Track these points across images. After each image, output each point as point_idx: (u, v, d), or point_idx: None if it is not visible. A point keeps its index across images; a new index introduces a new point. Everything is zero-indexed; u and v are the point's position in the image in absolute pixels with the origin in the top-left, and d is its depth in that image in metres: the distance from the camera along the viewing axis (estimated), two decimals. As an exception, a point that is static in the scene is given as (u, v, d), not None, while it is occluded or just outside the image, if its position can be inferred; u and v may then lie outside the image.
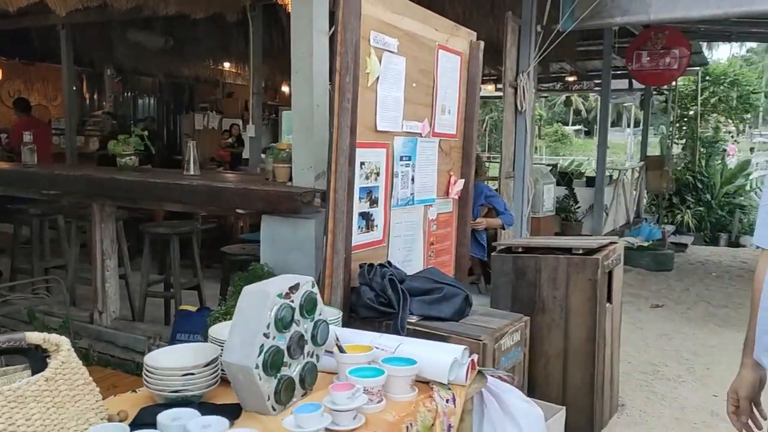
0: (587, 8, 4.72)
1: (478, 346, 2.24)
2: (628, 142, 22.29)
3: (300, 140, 3.06)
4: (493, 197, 4.87)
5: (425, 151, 2.96)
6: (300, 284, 1.67)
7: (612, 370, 3.38)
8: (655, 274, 6.97)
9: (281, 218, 3.04)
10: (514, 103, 5.24)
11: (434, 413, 1.66)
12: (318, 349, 1.75)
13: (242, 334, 1.55)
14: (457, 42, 3.08)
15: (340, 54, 2.33)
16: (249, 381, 1.53)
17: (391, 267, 2.53)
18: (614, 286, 3.31)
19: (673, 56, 6.78)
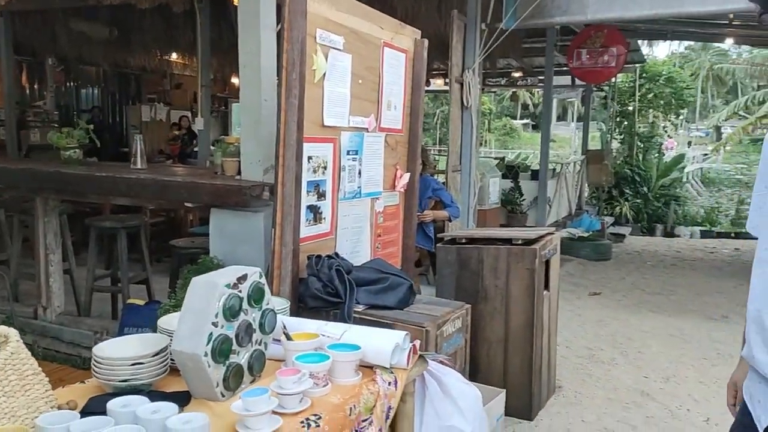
0: (528, 8, 4.89)
1: (421, 332, 2.35)
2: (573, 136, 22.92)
3: (248, 134, 3.11)
4: (440, 190, 5.00)
5: (372, 145, 3.05)
6: (248, 275, 1.73)
7: (549, 354, 3.55)
8: (595, 264, 7.28)
9: (230, 211, 3.08)
10: (460, 98, 5.38)
11: (376, 395, 1.75)
12: (266, 337, 1.81)
13: (191, 323, 1.61)
14: (402, 40, 3.17)
15: (286, 51, 2.39)
16: (198, 368, 1.59)
17: (338, 258, 2.61)
18: (551, 275, 3.48)
19: (611, 54, 7.07)
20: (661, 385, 3.85)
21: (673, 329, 4.98)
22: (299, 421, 1.53)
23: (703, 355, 4.37)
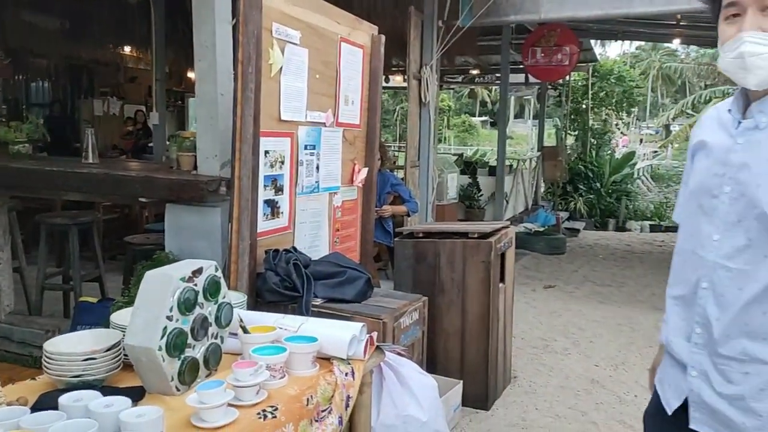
0: (484, 6, 4.97)
1: (379, 324, 2.38)
2: (529, 133, 23.34)
3: (204, 129, 3.08)
4: (398, 185, 5.04)
5: (330, 140, 3.06)
6: (203, 268, 1.73)
7: (505, 345, 3.63)
8: (549, 258, 7.45)
9: (186, 207, 3.05)
10: (418, 94, 5.43)
11: (334, 385, 1.77)
12: (222, 330, 1.81)
13: (145, 316, 1.60)
14: (359, 35, 3.19)
15: (242, 44, 2.39)
16: (152, 362, 1.58)
17: (296, 252, 2.62)
18: (507, 268, 3.56)
19: (565, 53, 7.24)
20: (611, 372, 3.98)
21: (622, 319, 5.14)
22: (256, 412, 1.54)
23: (650, 343, 4.53)
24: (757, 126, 1.32)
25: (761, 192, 1.27)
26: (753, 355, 1.30)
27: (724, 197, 1.34)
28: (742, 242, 1.30)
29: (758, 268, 1.28)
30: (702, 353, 1.39)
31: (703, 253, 1.38)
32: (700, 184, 1.42)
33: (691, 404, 1.42)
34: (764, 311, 1.28)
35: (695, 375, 1.40)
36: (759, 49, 1.25)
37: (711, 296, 1.36)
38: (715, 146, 1.40)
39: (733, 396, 1.33)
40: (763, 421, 1.31)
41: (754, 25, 1.26)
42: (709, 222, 1.37)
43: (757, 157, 1.30)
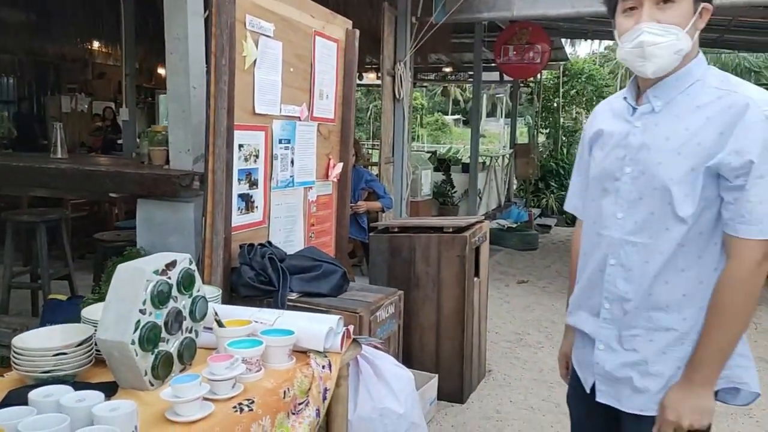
0: (457, 2, 4.99)
1: (355, 318, 2.37)
2: (502, 131, 23.52)
3: (176, 123, 3.03)
4: (373, 181, 5.05)
5: (304, 134, 3.04)
6: (177, 261, 1.70)
7: (480, 339, 3.66)
8: (522, 253, 7.52)
9: (158, 202, 3.00)
10: (392, 91, 5.43)
11: (311, 378, 1.76)
12: (197, 324, 1.79)
13: (117, 310, 1.56)
14: (334, 29, 3.18)
15: (215, 36, 2.36)
16: (125, 357, 1.55)
17: (271, 247, 2.60)
18: (481, 262, 3.58)
19: (536, 51, 7.31)
20: (584, 365, 4.03)
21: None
22: (231, 406, 1.52)
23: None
24: (653, 109, 1.43)
25: (662, 169, 1.38)
26: (657, 324, 1.42)
27: (626, 178, 1.45)
28: (644, 217, 1.41)
29: (660, 240, 1.39)
30: (610, 327, 1.49)
31: (608, 233, 1.48)
32: (601, 171, 1.52)
33: (597, 377, 1.53)
34: (666, 281, 1.40)
35: (602, 348, 1.50)
36: (656, 39, 1.35)
37: (619, 272, 1.46)
38: (614, 134, 1.50)
39: (636, 362, 1.44)
40: (664, 382, 1.42)
41: (651, 17, 1.36)
42: (613, 203, 1.47)
43: (655, 137, 1.41)
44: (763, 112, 1.30)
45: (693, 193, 1.36)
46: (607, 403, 1.52)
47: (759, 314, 5.40)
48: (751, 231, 1.31)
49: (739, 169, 1.30)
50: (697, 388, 1.36)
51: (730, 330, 1.34)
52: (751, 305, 1.34)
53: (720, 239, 1.38)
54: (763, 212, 1.30)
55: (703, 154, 1.34)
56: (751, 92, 1.34)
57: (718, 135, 1.33)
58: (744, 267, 1.32)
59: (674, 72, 1.40)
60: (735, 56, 15.24)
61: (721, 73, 1.43)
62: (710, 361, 1.36)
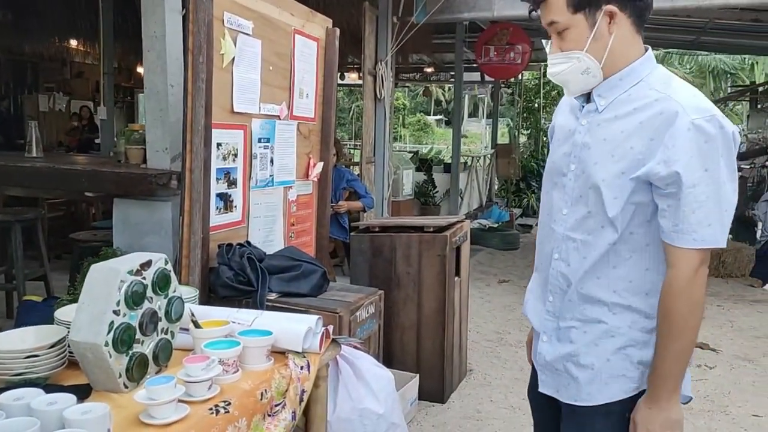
0: (438, 2, 5.00)
1: (335, 318, 2.36)
2: (483, 132, 23.61)
3: (154, 121, 2.99)
4: (354, 181, 5.04)
5: (284, 133, 3.02)
6: (152, 261, 1.67)
7: (461, 338, 3.66)
8: (503, 253, 7.56)
9: (135, 201, 2.95)
10: (373, 90, 5.42)
11: (288, 379, 1.74)
12: (172, 325, 1.76)
13: (90, 311, 1.54)
14: (314, 28, 3.16)
15: (192, 33, 2.33)
16: (98, 359, 1.52)
17: (250, 246, 2.57)
18: (462, 261, 3.58)
19: (517, 51, 7.35)
20: (564, 364, 4.06)
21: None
22: (207, 408, 1.50)
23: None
24: (596, 109, 1.46)
25: (597, 168, 1.41)
26: (590, 316, 1.46)
27: (570, 174, 1.49)
28: (584, 214, 1.45)
29: (597, 237, 1.43)
30: (553, 320, 1.54)
31: (555, 227, 1.53)
32: (553, 164, 1.57)
33: (539, 367, 1.59)
34: (598, 276, 1.44)
35: (545, 340, 1.56)
36: (557, 69, 1.44)
37: (561, 266, 1.50)
38: (566, 128, 1.54)
39: (570, 353, 1.49)
40: (594, 373, 1.46)
41: (556, 48, 1.44)
42: (561, 198, 1.51)
43: (595, 137, 1.44)
44: (691, 121, 1.30)
45: (621, 195, 1.38)
46: (547, 393, 1.56)
47: (734, 312, 5.49)
48: (686, 240, 1.32)
49: (667, 179, 1.32)
50: (663, 403, 1.38)
51: (680, 339, 1.36)
52: (697, 312, 1.36)
53: (654, 242, 1.40)
54: (696, 221, 1.31)
55: (633, 159, 1.36)
56: (683, 99, 1.34)
57: (649, 141, 1.35)
58: (682, 276, 1.34)
59: (619, 71, 1.42)
60: (712, 58, 15.47)
61: (665, 74, 1.43)
62: (669, 373, 1.37)
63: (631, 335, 1.44)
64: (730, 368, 4.12)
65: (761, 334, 4.89)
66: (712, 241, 1.32)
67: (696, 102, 1.34)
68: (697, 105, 1.33)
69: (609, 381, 1.46)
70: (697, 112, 1.32)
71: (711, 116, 1.32)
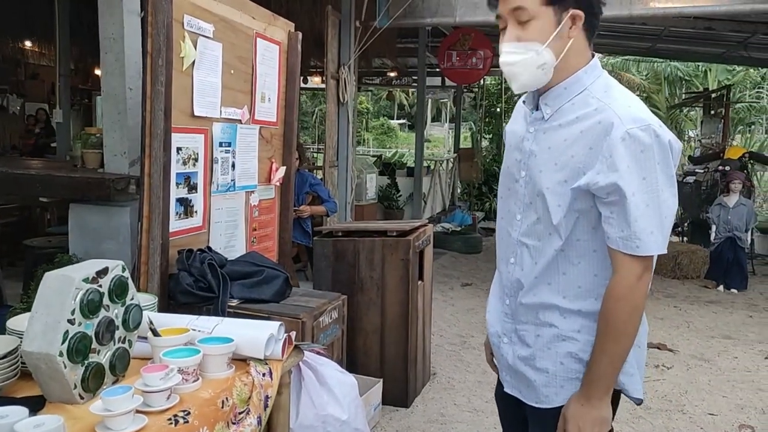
0: (401, 7, 5.02)
1: (298, 324, 2.34)
2: (446, 136, 23.80)
3: (112, 125, 2.93)
4: (317, 185, 5.01)
5: (246, 137, 2.99)
6: (109, 268, 1.63)
7: (424, 342, 3.67)
8: (466, 256, 7.62)
9: (92, 206, 2.89)
10: (336, 94, 5.41)
11: (251, 386, 1.72)
12: (130, 334, 1.72)
13: (44, 321, 1.49)
14: (276, 32, 3.14)
15: (151, 35, 2.29)
16: (52, 370, 1.48)
17: (210, 252, 2.54)
18: (425, 265, 3.60)
19: (479, 57, 7.43)
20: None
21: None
22: (166, 418, 1.47)
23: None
24: (543, 117, 1.47)
25: (543, 177, 1.44)
26: (543, 320, 1.49)
27: (521, 181, 1.51)
28: (534, 220, 1.48)
29: (545, 243, 1.46)
30: (510, 322, 1.57)
31: (511, 231, 1.55)
32: (506, 170, 1.59)
33: (502, 368, 1.62)
34: (549, 282, 1.47)
35: (506, 342, 1.58)
36: (511, 58, 1.41)
37: (516, 270, 1.53)
38: (517, 135, 1.56)
39: (527, 356, 1.52)
40: (549, 376, 1.50)
41: (511, 37, 1.41)
42: (514, 203, 1.54)
43: (541, 145, 1.46)
44: (626, 131, 1.32)
45: (563, 203, 1.41)
46: (511, 393, 1.59)
47: (691, 313, 5.64)
48: (630, 247, 1.34)
49: (606, 188, 1.34)
50: (595, 401, 1.41)
51: (618, 342, 1.39)
52: (636, 317, 1.38)
53: (600, 248, 1.42)
54: (639, 229, 1.33)
55: (574, 168, 1.38)
56: (619, 109, 1.35)
57: (588, 150, 1.37)
58: (625, 282, 1.36)
59: (564, 80, 1.43)
60: (667, 65, 15.91)
61: (607, 83, 1.45)
62: (604, 374, 1.40)
63: (582, 340, 1.46)
64: (686, 368, 4.24)
65: (716, 334, 5.05)
66: (654, 248, 1.35)
67: (632, 112, 1.35)
68: (633, 115, 1.35)
69: (564, 384, 1.48)
70: (633, 122, 1.33)
71: (646, 125, 1.33)
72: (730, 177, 7.04)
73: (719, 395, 3.79)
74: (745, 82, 16.91)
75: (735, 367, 4.29)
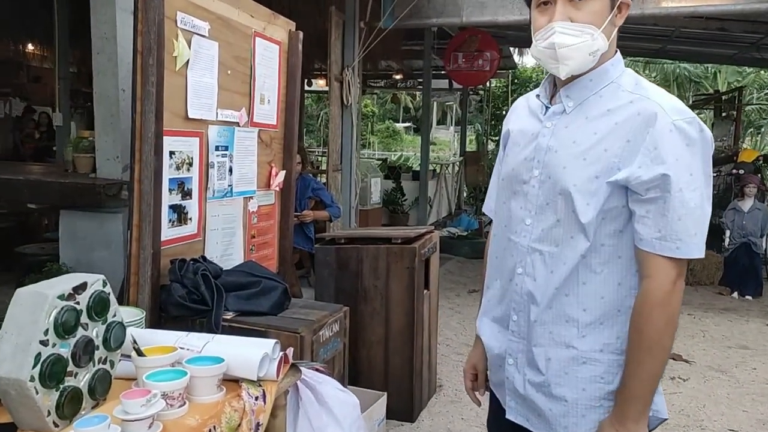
0: (406, 8, 4.89)
1: (296, 339, 2.21)
2: (452, 139, 23.67)
3: (104, 128, 2.82)
4: (320, 190, 4.88)
5: (244, 141, 2.86)
6: (88, 283, 1.50)
7: (430, 353, 3.53)
8: (473, 261, 7.47)
9: (83, 213, 2.77)
10: (339, 97, 5.29)
11: (241, 412, 1.59)
12: (112, 354, 1.59)
13: (14, 342, 1.36)
14: (276, 31, 3.01)
15: (141, 34, 2.17)
16: (23, 396, 1.35)
17: (205, 262, 2.40)
18: (431, 274, 3.46)
19: (486, 58, 7.30)
20: (537, 378, 3.96)
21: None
22: (148, 449, 1.34)
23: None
24: (564, 110, 1.35)
25: (567, 173, 1.30)
26: (558, 340, 1.34)
27: (534, 181, 1.37)
28: (551, 224, 1.33)
29: (565, 249, 1.31)
30: (518, 341, 1.41)
31: (517, 239, 1.40)
32: (511, 171, 1.44)
33: (507, 393, 1.45)
34: (567, 293, 1.32)
35: (511, 363, 1.42)
36: (569, 40, 1.26)
37: (526, 281, 1.37)
38: (526, 133, 1.42)
39: (540, 383, 1.36)
40: (567, 406, 1.34)
41: (563, 15, 1.27)
42: (522, 207, 1.39)
43: (563, 139, 1.33)
44: (672, 122, 1.22)
45: (594, 201, 1.28)
46: (516, 421, 1.43)
47: (705, 321, 5.48)
48: (668, 248, 1.23)
49: (649, 183, 1.22)
50: (631, 424, 1.27)
51: (654, 355, 1.25)
52: (672, 327, 1.25)
53: (626, 253, 1.30)
54: (682, 229, 1.22)
55: (608, 162, 1.27)
56: (661, 99, 1.27)
57: (625, 143, 1.26)
58: (660, 287, 1.23)
59: (589, 72, 1.32)
60: (676, 66, 15.74)
61: (636, 76, 1.36)
62: (640, 392, 1.26)
63: (606, 360, 1.32)
64: (704, 380, 4.08)
65: (733, 343, 4.88)
66: (696, 251, 1.23)
67: (674, 103, 1.27)
68: (677, 106, 1.26)
69: (586, 413, 1.34)
70: (678, 114, 1.24)
71: (692, 118, 1.24)
72: (745, 181, 6.88)
73: (739, 409, 3.63)
74: (755, 84, 16.73)
75: (754, 379, 4.13)
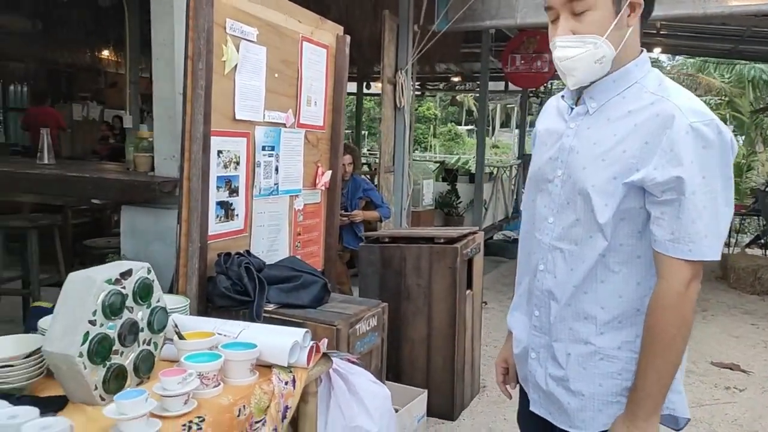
0: (460, 11, 4.92)
1: (332, 331, 2.29)
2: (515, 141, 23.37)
3: (162, 129, 2.98)
4: (370, 190, 4.97)
5: (290, 141, 2.97)
6: (133, 270, 1.63)
7: (473, 353, 3.55)
8: (528, 265, 7.38)
9: (142, 208, 2.95)
10: (393, 99, 5.36)
11: (270, 395, 1.68)
12: (155, 336, 1.72)
13: (65, 321, 1.50)
14: (323, 35, 3.11)
15: (192, 39, 2.30)
16: (72, 371, 1.48)
17: (249, 256, 2.53)
18: (475, 274, 3.48)
19: (544, 60, 7.20)
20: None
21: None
22: (181, 424, 1.45)
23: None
24: (587, 111, 1.37)
25: (586, 174, 1.32)
26: (576, 336, 1.37)
27: (557, 181, 1.40)
28: (571, 222, 1.36)
29: (584, 248, 1.34)
30: (540, 336, 1.45)
31: (540, 236, 1.43)
32: (537, 170, 1.47)
33: (530, 386, 1.49)
34: (585, 291, 1.35)
35: (534, 357, 1.46)
36: (569, 53, 1.31)
37: (547, 278, 1.41)
38: (552, 132, 1.45)
39: (561, 377, 1.40)
40: (584, 400, 1.37)
41: (565, 29, 1.31)
42: (546, 206, 1.43)
43: (585, 140, 1.35)
44: (689, 123, 1.22)
45: (612, 202, 1.30)
46: (539, 413, 1.47)
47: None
48: (681, 251, 1.23)
49: (664, 185, 1.23)
50: (641, 423, 1.28)
51: (666, 356, 1.26)
52: (686, 329, 1.26)
53: (645, 254, 1.31)
54: (695, 231, 1.22)
55: (626, 163, 1.28)
56: (681, 101, 1.26)
57: (643, 144, 1.27)
58: (673, 289, 1.25)
59: (612, 73, 1.33)
60: (751, 67, 14.99)
61: (661, 77, 1.35)
62: (651, 392, 1.28)
63: (624, 357, 1.34)
64: (762, 391, 3.91)
65: (796, 355, 4.65)
66: (708, 253, 1.23)
67: (693, 105, 1.26)
68: (695, 108, 1.25)
69: (603, 408, 1.36)
70: (696, 115, 1.24)
71: (710, 120, 1.24)
72: (819, 186, 6.52)
73: (798, 423, 3.47)
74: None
75: (817, 393, 3.93)
